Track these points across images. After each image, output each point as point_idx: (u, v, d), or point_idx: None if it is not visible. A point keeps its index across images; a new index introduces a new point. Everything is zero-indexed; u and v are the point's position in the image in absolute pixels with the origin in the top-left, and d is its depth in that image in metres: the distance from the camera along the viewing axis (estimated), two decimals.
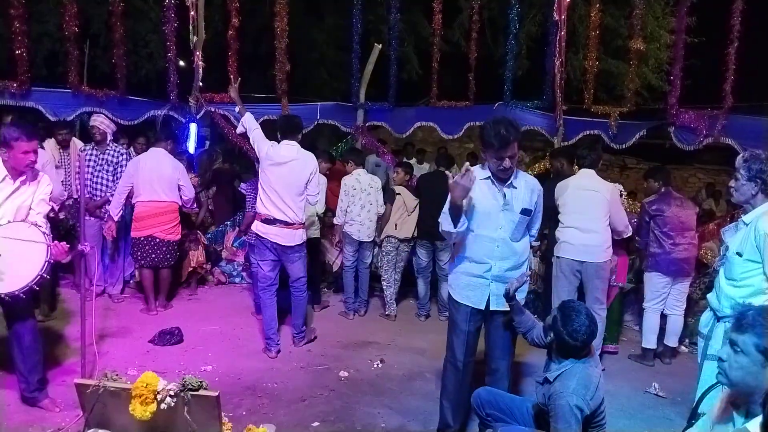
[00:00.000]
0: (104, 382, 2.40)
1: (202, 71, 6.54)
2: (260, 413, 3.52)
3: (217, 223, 7.06)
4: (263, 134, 4.55)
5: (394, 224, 5.59)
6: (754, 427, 1.57)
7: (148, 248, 5.25)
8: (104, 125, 5.46)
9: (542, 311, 5.10)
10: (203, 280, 6.46)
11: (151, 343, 4.58)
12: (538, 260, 5.64)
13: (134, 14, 8.81)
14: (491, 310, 3.09)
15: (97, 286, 5.17)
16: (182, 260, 5.93)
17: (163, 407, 2.33)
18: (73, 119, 6.88)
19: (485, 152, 3.02)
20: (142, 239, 5.25)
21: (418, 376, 4.27)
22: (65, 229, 5.34)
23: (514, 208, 3.02)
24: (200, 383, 2.35)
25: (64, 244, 3.19)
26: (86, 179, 5.25)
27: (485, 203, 3.02)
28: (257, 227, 4.50)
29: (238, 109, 4.77)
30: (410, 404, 3.79)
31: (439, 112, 7.05)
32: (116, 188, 5.29)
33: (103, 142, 5.45)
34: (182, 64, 7.32)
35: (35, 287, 3.12)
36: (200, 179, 6.75)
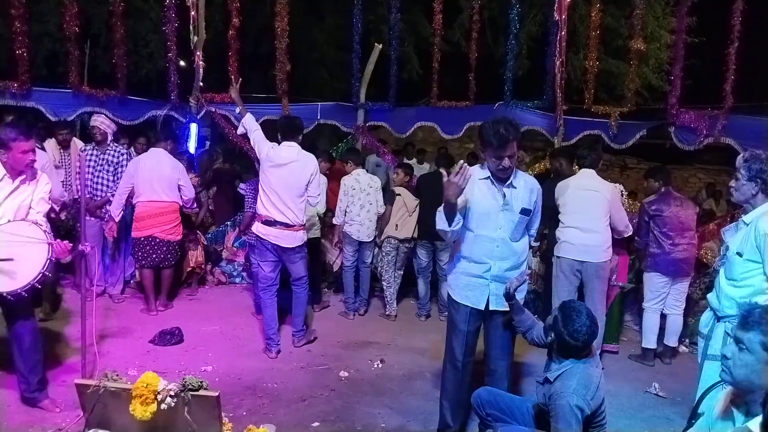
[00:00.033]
0: (104, 382, 2.41)
1: (202, 71, 6.55)
2: (260, 413, 3.52)
3: (217, 223, 7.06)
4: (264, 135, 4.54)
5: (394, 225, 5.59)
6: (755, 426, 1.57)
7: (148, 248, 5.25)
8: (105, 125, 5.46)
9: (542, 311, 5.10)
10: (203, 280, 6.46)
11: (151, 343, 4.58)
12: (538, 260, 5.64)
13: (134, 14, 8.82)
14: (490, 310, 3.09)
15: (97, 286, 5.18)
16: (182, 260, 5.94)
17: (163, 407, 2.33)
18: (73, 119, 6.89)
19: (484, 151, 3.02)
20: (142, 239, 5.25)
21: (418, 376, 4.27)
22: (65, 229, 5.34)
23: (513, 208, 3.02)
24: (200, 383, 2.35)
25: (66, 242, 3.20)
26: (87, 179, 5.25)
27: (485, 203, 3.02)
28: (258, 229, 4.49)
29: (238, 110, 4.77)
30: (410, 404, 3.79)
31: (439, 112, 7.06)
32: (117, 188, 5.29)
33: (103, 142, 5.45)
34: (183, 64, 7.33)
35: (37, 285, 3.13)
36: (200, 179, 6.76)
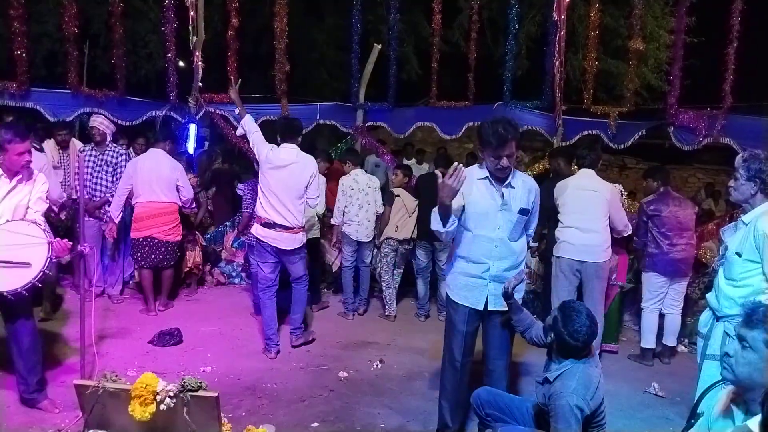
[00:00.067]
0: (104, 382, 2.41)
1: (201, 71, 6.55)
2: (260, 414, 3.52)
3: (216, 223, 7.05)
4: (263, 137, 4.51)
5: (394, 226, 5.58)
6: (754, 424, 1.57)
7: (147, 249, 5.25)
8: (104, 126, 5.45)
9: (541, 311, 5.10)
10: (202, 280, 6.45)
11: (150, 343, 4.58)
12: (537, 260, 5.64)
13: (134, 14, 8.83)
14: (489, 310, 3.09)
15: (96, 286, 5.16)
16: (182, 261, 5.93)
17: (162, 408, 2.33)
18: (72, 120, 6.88)
19: (483, 151, 3.02)
20: (141, 240, 5.24)
21: (417, 376, 4.27)
22: (65, 229, 5.34)
23: (512, 207, 3.02)
24: (200, 384, 2.35)
25: (66, 240, 3.19)
26: (85, 180, 5.24)
27: (483, 203, 3.01)
28: (257, 231, 4.48)
29: (238, 110, 4.75)
30: (410, 404, 3.79)
31: (438, 112, 7.06)
32: (115, 189, 5.29)
33: (102, 142, 5.44)
34: (182, 64, 7.33)
35: (38, 284, 3.13)
36: (199, 180, 6.74)
